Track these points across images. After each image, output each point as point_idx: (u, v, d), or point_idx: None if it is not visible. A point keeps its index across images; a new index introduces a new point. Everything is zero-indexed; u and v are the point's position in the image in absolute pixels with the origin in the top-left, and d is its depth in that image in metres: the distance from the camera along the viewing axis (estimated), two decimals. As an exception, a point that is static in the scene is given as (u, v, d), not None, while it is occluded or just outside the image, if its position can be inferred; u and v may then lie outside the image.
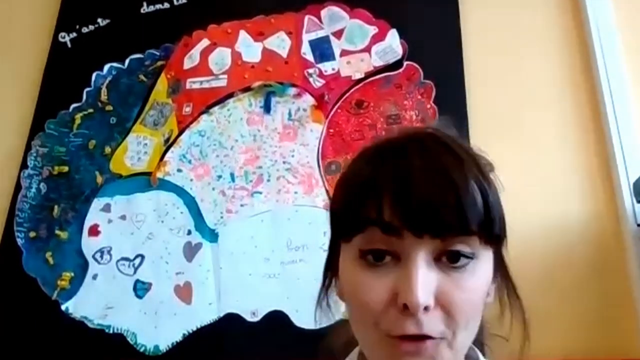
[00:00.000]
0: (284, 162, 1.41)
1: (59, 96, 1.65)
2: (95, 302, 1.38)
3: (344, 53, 1.49)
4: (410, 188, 0.47)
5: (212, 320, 1.30)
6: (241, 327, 1.27)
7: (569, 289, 1.16)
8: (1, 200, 1.56)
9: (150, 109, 1.57)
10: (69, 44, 1.73)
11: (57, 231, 1.48)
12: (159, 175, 1.48)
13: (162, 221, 1.43)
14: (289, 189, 1.38)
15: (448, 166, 0.49)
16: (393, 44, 1.46)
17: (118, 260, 1.41)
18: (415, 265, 0.47)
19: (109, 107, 1.61)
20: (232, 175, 1.43)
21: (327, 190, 1.36)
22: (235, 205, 1.40)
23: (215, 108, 1.52)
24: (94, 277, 1.41)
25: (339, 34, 1.52)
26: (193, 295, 1.34)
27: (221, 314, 1.30)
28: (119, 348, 1.32)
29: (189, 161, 1.48)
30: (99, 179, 1.52)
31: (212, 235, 1.38)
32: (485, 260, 0.51)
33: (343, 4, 1.54)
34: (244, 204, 1.40)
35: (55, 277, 1.43)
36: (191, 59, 1.59)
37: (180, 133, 1.51)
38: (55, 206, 1.51)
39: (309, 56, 1.51)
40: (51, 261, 1.46)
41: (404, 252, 0.48)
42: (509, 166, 1.25)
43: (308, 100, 1.46)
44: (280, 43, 1.55)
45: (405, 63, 1.43)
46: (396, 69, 1.43)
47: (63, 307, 1.40)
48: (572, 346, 1.12)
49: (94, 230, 1.46)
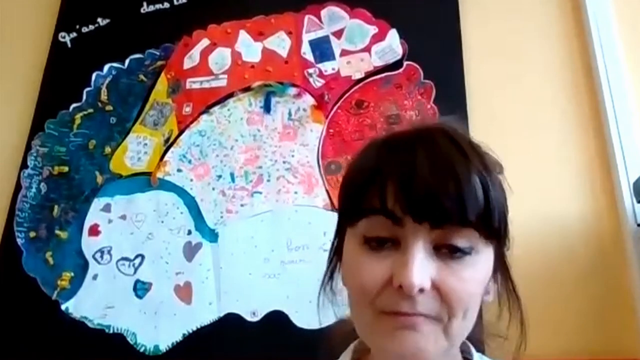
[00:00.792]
0: (284, 162, 1.41)
1: (59, 96, 1.65)
2: (95, 302, 1.38)
3: (344, 53, 1.49)
4: (413, 177, 0.49)
5: (212, 320, 1.30)
6: (241, 327, 1.27)
7: (569, 289, 1.16)
8: (1, 200, 1.56)
9: (150, 109, 1.57)
10: (69, 43, 1.73)
11: (57, 231, 1.48)
12: (159, 175, 1.48)
13: (162, 221, 1.43)
14: (289, 189, 1.38)
15: (452, 159, 0.50)
16: (393, 44, 1.46)
17: (118, 260, 1.41)
18: (412, 250, 0.49)
19: (109, 107, 1.61)
20: (232, 175, 1.43)
21: (327, 190, 1.36)
22: (235, 205, 1.40)
23: (215, 108, 1.52)
24: (94, 277, 1.41)
25: (339, 33, 1.52)
26: (193, 295, 1.34)
27: (221, 314, 1.30)
28: (119, 348, 1.32)
29: (189, 161, 1.48)
30: (99, 179, 1.52)
31: (212, 235, 1.38)
32: (485, 256, 0.52)
33: (343, 3, 1.54)
34: (244, 204, 1.40)
35: (55, 277, 1.43)
36: (191, 59, 1.59)
37: (180, 133, 1.52)
38: (55, 206, 1.52)
39: (309, 56, 1.51)
40: (51, 261, 1.46)
41: (404, 239, 0.50)
42: (509, 166, 1.25)
43: (308, 100, 1.46)
44: (280, 43, 1.55)
45: (405, 63, 1.43)
46: (396, 69, 1.43)
47: (63, 307, 1.40)
48: (572, 346, 1.12)
49: (94, 230, 1.46)
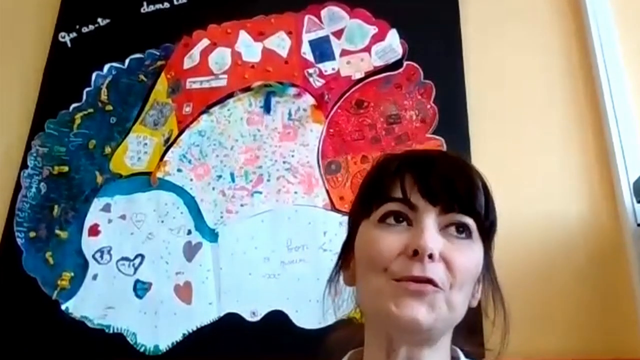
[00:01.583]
0: (284, 162, 1.41)
1: (59, 96, 1.65)
2: (95, 302, 1.38)
3: (344, 53, 1.49)
4: (431, 170, 0.58)
5: (212, 320, 1.30)
6: (241, 327, 1.27)
7: (569, 288, 1.16)
8: (1, 200, 1.56)
9: (150, 109, 1.57)
10: (69, 43, 1.73)
11: (57, 231, 1.48)
12: (159, 175, 1.48)
13: (162, 221, 1.43)
14: (289, 188, 1.38)
15: (461, 163, 0.61)
16: (393, 43, 1.46)
17: (118, 260, 1.41)
18: (426, 224, 0.56)
19: (109, 107, 1.61)
20: (232, 175, 1.43)
21: (327, 190, 1.36)
22: (235, 205, 1.40)
23: (215, 108, 1.52)
24: (94, 277, 1.41)
25: (339, 33, 1.52)
26: (193, 295, 1.34)
27: (221, 314, 1.30)
28: (119, 348, 1.32)
29: (189, 161, 1.48)
30: (99, 179, 1.52)
31: (212, 235, 1.38)
32: (478, 247, 0.59)
33: (343, 3, 1.54)
34: (244, 203, 1.40)
35: (55, 277, 1.43)
36: (191, 59, 1.59)
37: (180, 133, 1.52)
38: (55, 206, 1.52)
39: (309, 56, 1.51)
40: (51, 261, 1.46)
41: (418, 219, 0.57)
42: (509, 166, 1.26)
43: (308, 100, 1.46)
44: (280, 43, 1.55)
45: (405, 63, 1.43)
46: (396, 69, 1.43)
47: (63, 307, 1.40)
48: (572, 346, 1.12)
49: (94, 230, 1.46)
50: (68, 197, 1.52)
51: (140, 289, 1.37)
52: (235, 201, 1.40)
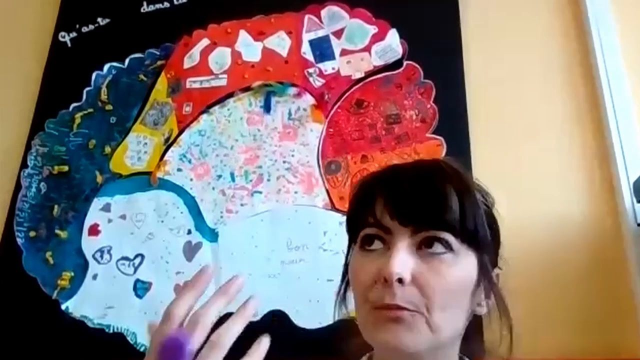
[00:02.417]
0: (284, 162, 1.41)
1: (59, 96, 1.65)
2: (95, 302, 1.38)
3: (344, 53, 1.49)
4: (398, 190, 0.59)
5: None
6: (241, 327, 1.27)
7: (569, 288, 1.16)
8: (1, 199, 1.57)
9: (150, 109, 1.57)
10: (69, 43, 1.73)
11: (57, 231, 1.48)
12: (159, 174, 1.48)
13: (162, 221, 1.43)
14: (289, 188, 1.38)
15: (431, 175, 0.60)
16: (393, 43, 1.46)
17: (118, 260, 1.41)
18: (396, 248, 0.57)
19: (109, 107, 1.61)
20: (232, 174, 1.43)
21: (327, 190, 1.36)
22: (235, 205, 1.40)
23: (215, 108, 1.52)
24: (94, 277, 1.41)
25: (339, 33, 1.52)
26: (193, 295, 1.33)
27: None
28: (119, 348, 1.32)
29: (189, 161, 1.48)
30: (99, 179, 1.52)
31: (212, 235, 1.38)
32: (466, 259, 0.58)
33: (343, 3, 1.54)
34: (244, 203, 1.40)
35: (55, 277, 1.43)
36: (191, 59, 1.59)
37: (180, 133, 1.51)
38: (55, 206, 1.52)
39: (309, 56, 1.51)
40: (51, 261, 1.46)
41: (391, 242, 0.58)
42: (509, 166, 1.26)
43: (308, 99, 1.46)
44: (280, 43, 1.55)
45: (405, 63, 1.43)
46: (396, 68, 1.43)
47: (63, 307, 1.40)
48: (572, 346, 1.12)
49: (94, 230, 1.46)
50: (68, 197, 1.52)
51: (140, 288, 1.37)
52: (235, 201, 1.40)
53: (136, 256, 1.41)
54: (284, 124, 1.46)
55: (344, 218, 1.29)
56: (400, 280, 0.54)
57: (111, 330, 1.35)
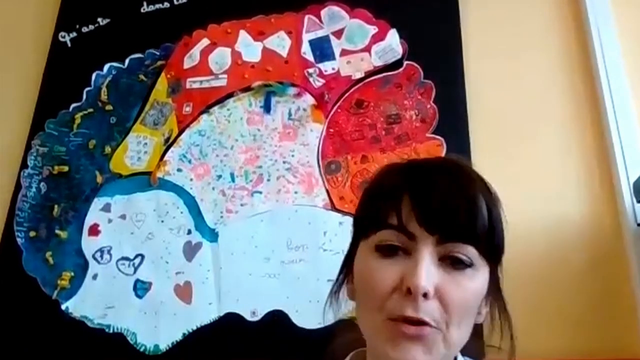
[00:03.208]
0: (284, 162, 1.41)
1: (59, 96, 1.65)
2: (95, 302, 1.38)
3: (344, 53, 1.49)
4: (430, 194, 0.55)
5: (212, 320, 1.30)
6: (241, 327, 1.27)
7: (569, 288, 1.16)
8: (1, 200, 1.56)
9: (150, 109, 1.57)
10: (69, 43, 1.73)
11: (57, 231, 1.48)
12: (159, 174, 1.48)
13: (162, 221, 1.43)
14: (289, 188, 1.38)
15: (463, 182, 0.57)
16: (393, 43, 1.46)
17: (118, 260, 1.41)
18: (422, 257, 0.54)
19: (109, 107, 1.60)
20: (232, 175, 1.43)
21: (327, 190, 1.36)
22: (235, 205, 1.40)
23: (215, 108, 1.52)
24: (94, 277, 1.41)
25: (339, 33, 1.52)
26: (193, 295, 1.34)
27: (221, 314, 1.30)
28: (118, 348, 1.32)
29: (189, 161, 1.48)
30: (99, 179, 1.52)
31: (212, 235, 1.38)
32: (482, 273, 0.57)
33: (343, 3, 1.54)
34: (244, 203, 1.40)
35: (55, 277, 1.43)
36: (191, 59, 1.59)
37: (180, 133, 1.51)
38: (55, 206, 1.52)
39: (309, 56, 1.51)
40: (51, 261, 1.46)
41: (415, 249, 0.55)
42: (509, 166, 1.26)
43: (308, 99, 1.46)
44: (280, 43, 1.55)
45: (405, 63, 1.43)
46: (396, 68, 1.43)
47: (63, 307, 1.40)
48: (572, 346, 1.12)
49: (94, 230, 1.46)
50: (68, 197, 1.52)
51: (140, 288, 1.37)
52: (235, 201, 1.40)
53: (136, 256, 1.41)
54: (284, 124, 1.46)
55: (344, 218, 1.30)
56: (425, 295, 0.52)
57: (111, 330, 1.35)
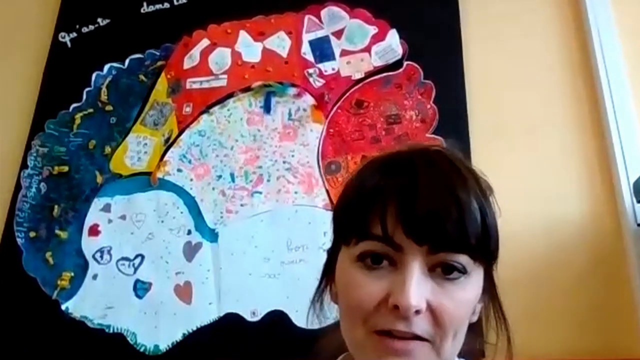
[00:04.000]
0: (284, 162, 1.41)
1: (59, 96, 1.65)
2: (95, 302, 1.38)
3: (344, 53, 1.49)
4: (415, 201, 0.49)
5: (212, 320, 1.30)
6: (241, 327, 1.27)
7: (569, 288, 1.16)
8: (1, 200, 1.56)
9: (150, 109, 1.57)
10: (69, 43, 1.73)
11: (57, 231, 1.48)
12: (159, 175, 1.48)
13: (162, 221, 1.43)
14: (289, 188, 1.38)
15: (452, 182, 0.51)
16: (393, 44, 1.46)
17: (118, 260, 1.41)
18: (411, 271, 0.49)
19: (109, 107, 1.60)
20: (232, 175, 1.43)
21: (327, 190, 1.36)
22: (235, 205, 1.40)
23: (215, 108, 1.52)
24: (94, 277, 1.41)
25: (339, 33, 1.52)
26: (193, 295, 1.34)
27: (221, 314, 1.30)
28: (118, 348, 1.32)
29: (189, 161, 1.48)
30: (99, 179, 1.52)
31: (212, 235, 1.38)
32: (476, 278, 0.52)
33: (343, 4, 1.54)
34: (244, 204, 1.40)
35: (55, 277, 1.43)
36: (191, 59, 1.59)
37: (180, 133, 1.51)
38: (55, 206, 1.51)
39: (309, 56, 1.51)
40: (51, 261, 1.45)
41: (402, 260, 0.50)
42: (509, 166, 1.26)
43: (308, 100, 1.46)
44: (280, 43, 1.55)
45: (405, 63, 1.43)
46: (396, 69, 1.43)
47: (63, 307, 1.40)
48: (572, 346, 1.12)
49: (94, 230, 1.46)
50: (68, 197, 1.52)
51: (140, 289, 1.37)
52: (235, 201, 1.40)
53: (136, 256, 1.41)
54: (284, 124, 1.46)
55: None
56: (417, 312, 0.48)
57: (111, 330, 1.35)
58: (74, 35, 1.73)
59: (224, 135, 1.48)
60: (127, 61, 1.65)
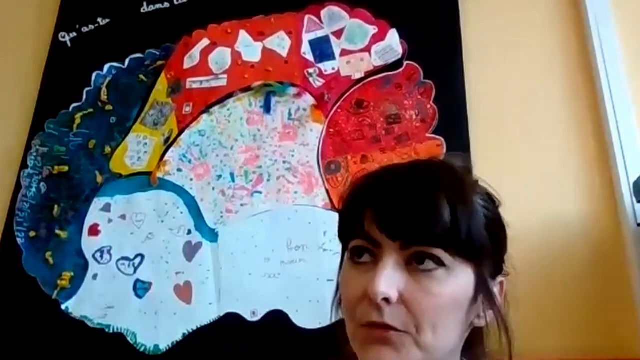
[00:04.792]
0: (284, 162, 1.41)
1: (59, 96, 1.65)
2: (95, 302, 1.38)
3: (344, 53, 1.49)
4: (389, 199, 0.55)
5: (212, 320, 1.30)
6: (241, 327, 1.27)
7: (569, 288, 1.16)
8: (1, 200, 1.57)
9: (150, 109, 1.57)
10: (69, 43, 1.73)
11: (57, 231, 1.48)
12: (159, 174, 1.48)
13: (162, 221, 1.43)
14: (289, 188, 1.38)
15: (423, 183, 0.56)
16: (393, 43, 1.46)
17: (118, 260, 1.41)
18: (384, 263, 0.54)
19: (109, 107, 1.61)
20: (232, 175, 1.43)
21: (327, 190, 1.36)
22: (235, 205, 1.40)
23: (215, 108, 1.52)
24: (94, 277, 1.41)
25: (339, 33, 1.52)
26: (193, 295, 1.34)
27: (221, 314, 1.30)
28: (118, 348, 1.32)
29: (189, 161, 1.48)
30: (99, 179, 1.52)
31: (212, 235, 1.38)
32: (461, 275, 0.55)
33: (343, 3, 1.54)
34: (244, 203, 1.40)
35: (55, 277, 1.43)
36: (191, 59, 1.59)
37: (180, 133, 1.52)
38: (55, 206, 1.52)
39: (309, 56, 1.51)
40: (51, 261, 1.46)
41: (380, 255, 0.55)
42: (509, 165, 1.26)
43: (308, 100, 1.46)
44: (280, 43, 1.55)
45: (405, 63, 1.43)
46: (396, 68, 1.43)
47: (63, 307, 1.40)
48: (572, 346, 1.12)
49: (94, 230, 1.46)
50: (68, 197, 1.52)
51: (140, 288, 1.37)
52: (235, 201, 1.40)
53: (136, 256, 1.41)
54: (284, 124, 1.46)
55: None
56: (386, 300, 0.52)
57: (111, 330, 1.35)
58: (74, 35, 1.73)
59: (224, 135, 1.48)
60: (127, 61, 1.65)
